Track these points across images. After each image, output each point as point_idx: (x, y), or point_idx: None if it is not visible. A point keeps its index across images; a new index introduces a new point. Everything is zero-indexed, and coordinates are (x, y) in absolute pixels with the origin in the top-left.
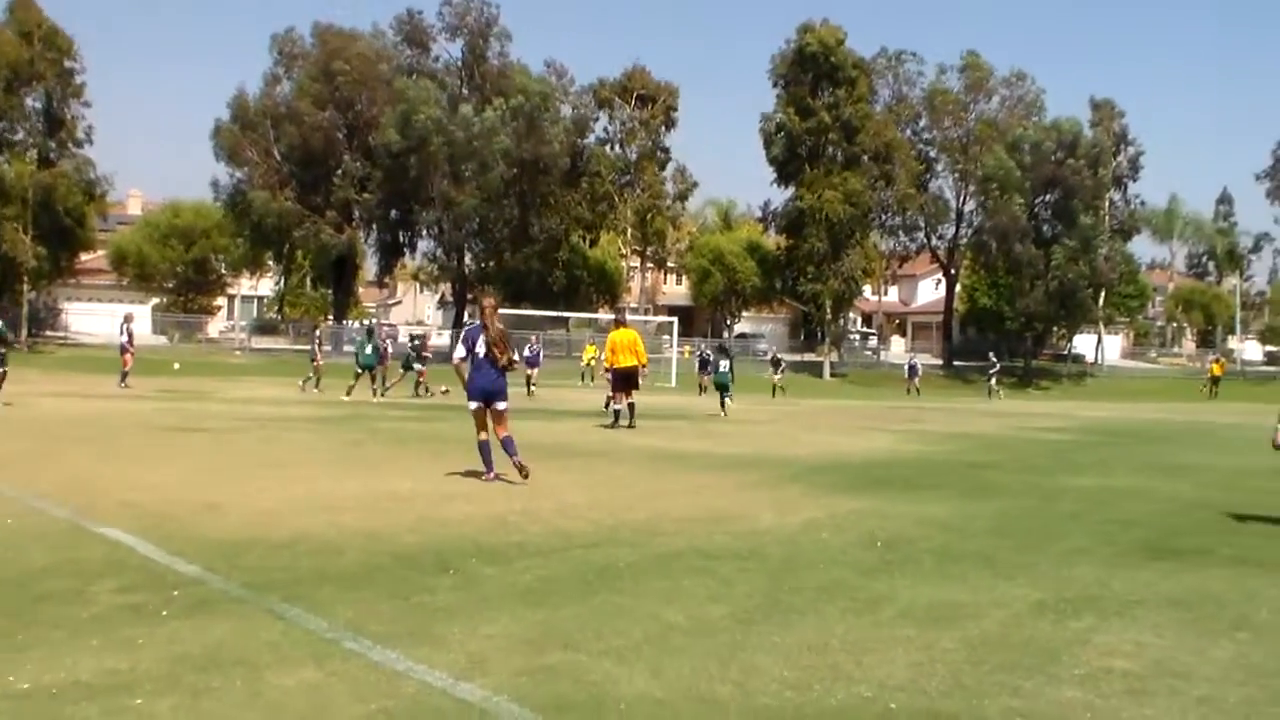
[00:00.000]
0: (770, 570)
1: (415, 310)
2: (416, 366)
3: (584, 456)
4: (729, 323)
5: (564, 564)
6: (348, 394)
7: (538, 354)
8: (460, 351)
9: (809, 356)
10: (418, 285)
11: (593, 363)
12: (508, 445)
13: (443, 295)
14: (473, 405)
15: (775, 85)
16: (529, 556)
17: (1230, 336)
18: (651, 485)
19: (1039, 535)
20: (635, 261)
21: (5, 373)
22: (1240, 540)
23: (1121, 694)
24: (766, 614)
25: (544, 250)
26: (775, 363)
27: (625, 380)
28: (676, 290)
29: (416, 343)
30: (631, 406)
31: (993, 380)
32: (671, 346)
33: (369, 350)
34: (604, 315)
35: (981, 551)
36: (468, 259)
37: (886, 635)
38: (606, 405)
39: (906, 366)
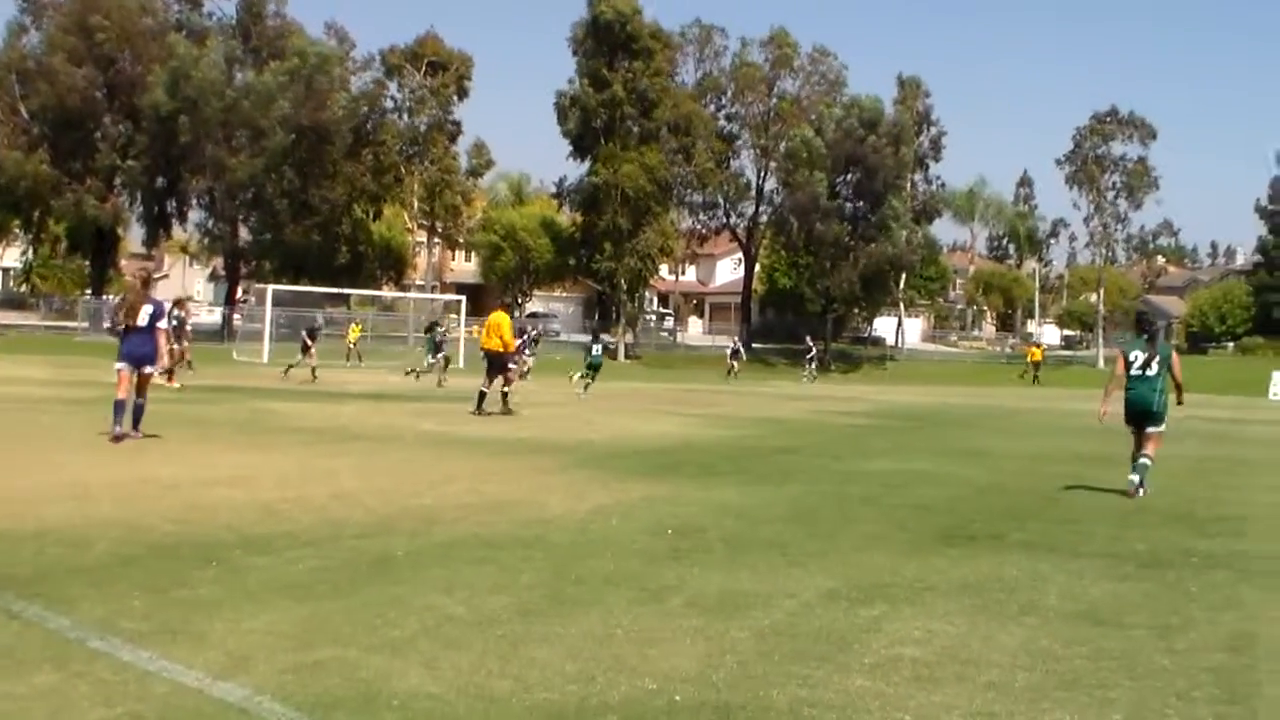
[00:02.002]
0: (555, 559)
1: (185, 285)
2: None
3: (364, 440)
4: (520, 301)
5: (337, 554)
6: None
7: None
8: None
9: (603, 337)
10: (187, 258)
11: (357, 342)
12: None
13: (214, 269)
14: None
15: (575, 53)
16: (299, 546)
17: (1029, 320)
18: (434, 471)
19: (833, 522)
20: (423, 237)
21: None
22: (1032, 525)
23: (910, 681)
24: (550, 605)
25: (325, 223)
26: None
27: (488, 364)
28: (466, 267)
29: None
30: (481, 394)
31: (812, 365)
32: (460, 326)
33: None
34: (388, 293)
35: (774, 539)
36: (242, 231)
37: (674, 626)
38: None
39: (730, 349)
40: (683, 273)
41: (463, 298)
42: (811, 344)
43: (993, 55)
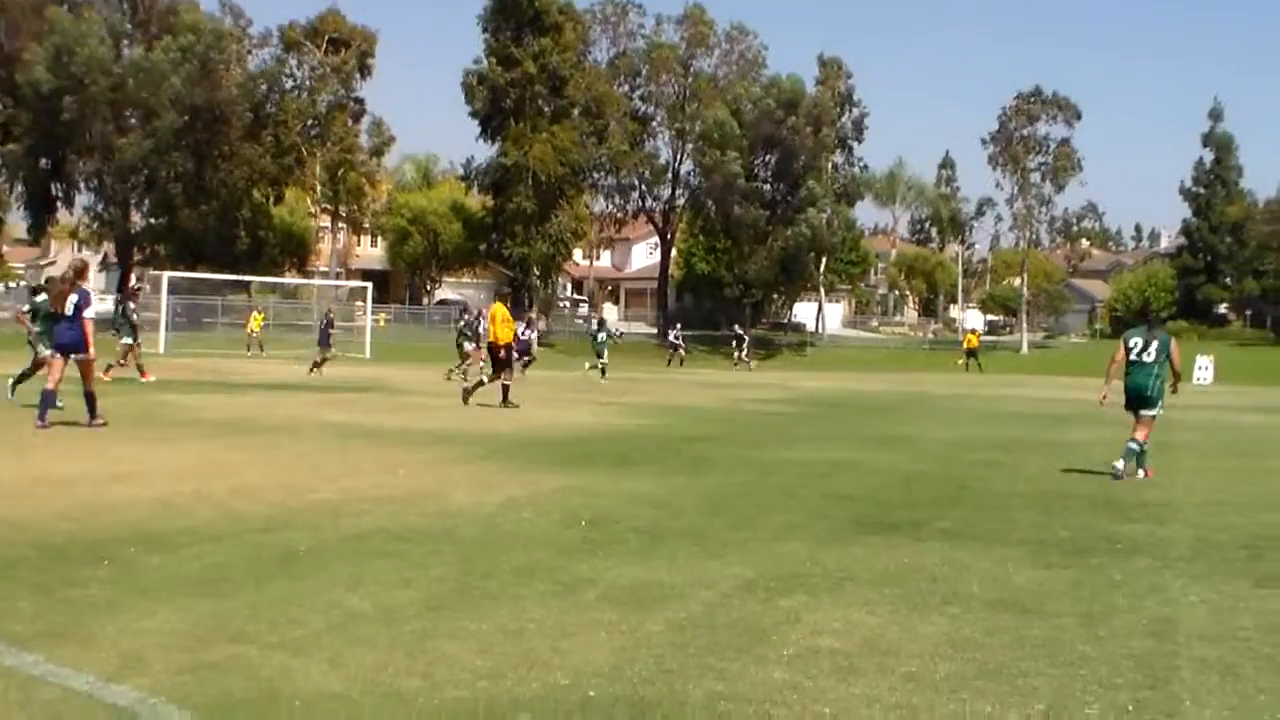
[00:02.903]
0: (465, 552)
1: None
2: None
3: (266, 433)
4: (429, 288)
5: (238, 550)
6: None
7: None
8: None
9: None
10: (76, 243)
11: (255, 331)
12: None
13: (106, 256)
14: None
15: (484, 30)
16: (198, 543)
17: (952, 305)
18: (340, 463)
19: (751, 512)
20: (326, 221)
21: None
22: (954, 513)
23: (829, 673)
24: (459, 599)
25: (223, 207)
26: (739, 340)
27: (490, 357)
28: (372, 253)
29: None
30: (478, 384)
31: (743, 352)
32: (365, 314)
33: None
34: (291, 280)
35: (691, 529)
36: (135, 215)
37: (587, 619)
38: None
39: (671, 339)
40: (597, 258)
41: (369, 284)
42: (741, 331)
43: (917, 35)
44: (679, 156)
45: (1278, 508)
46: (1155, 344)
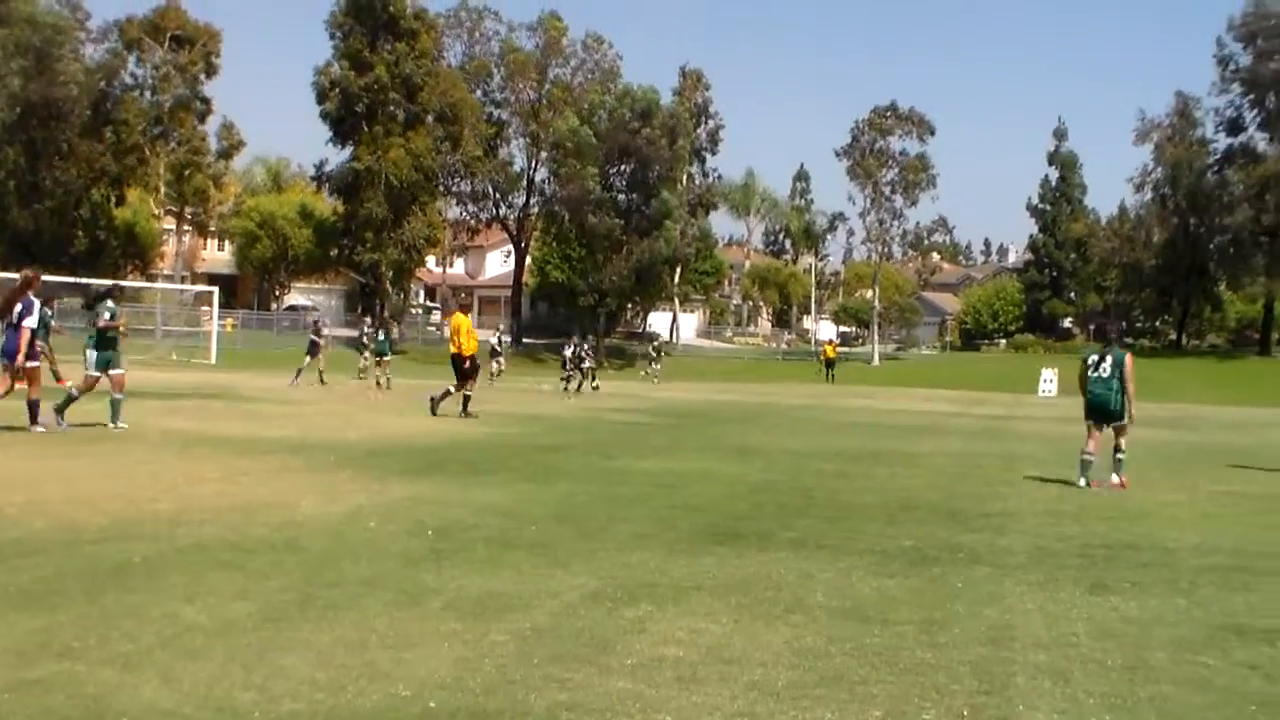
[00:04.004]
0: (308, 563)
1: None
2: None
3: (108, 441)
4: (278, 294)
5: (70, 561)
6: None
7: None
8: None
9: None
10: None
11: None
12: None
13: None
14: None
15: (332, 37)
16: (28, 554)
17: (805, 316)
18: (181, 472)
19: (600, 521)
20: (171, 223)
21: None
22: (800, 523)
23: (672, 682)
24: (300, 610)
25: (59, 207)
26: (656, 350)
27: (454, 368)
28: (219, 256)
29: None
30: (465, 399)
31: (655, 365)
32: (212, 319)
33: None
34: (133, 283)
35: (539, 539)
36: None
37: (432, 630)
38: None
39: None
40: (451, 265)
41: (215, 289)
42: (655, 349)
43: (775, 49)
44: (534, 164)
45: (1110, 517)
46: (1109, 360)
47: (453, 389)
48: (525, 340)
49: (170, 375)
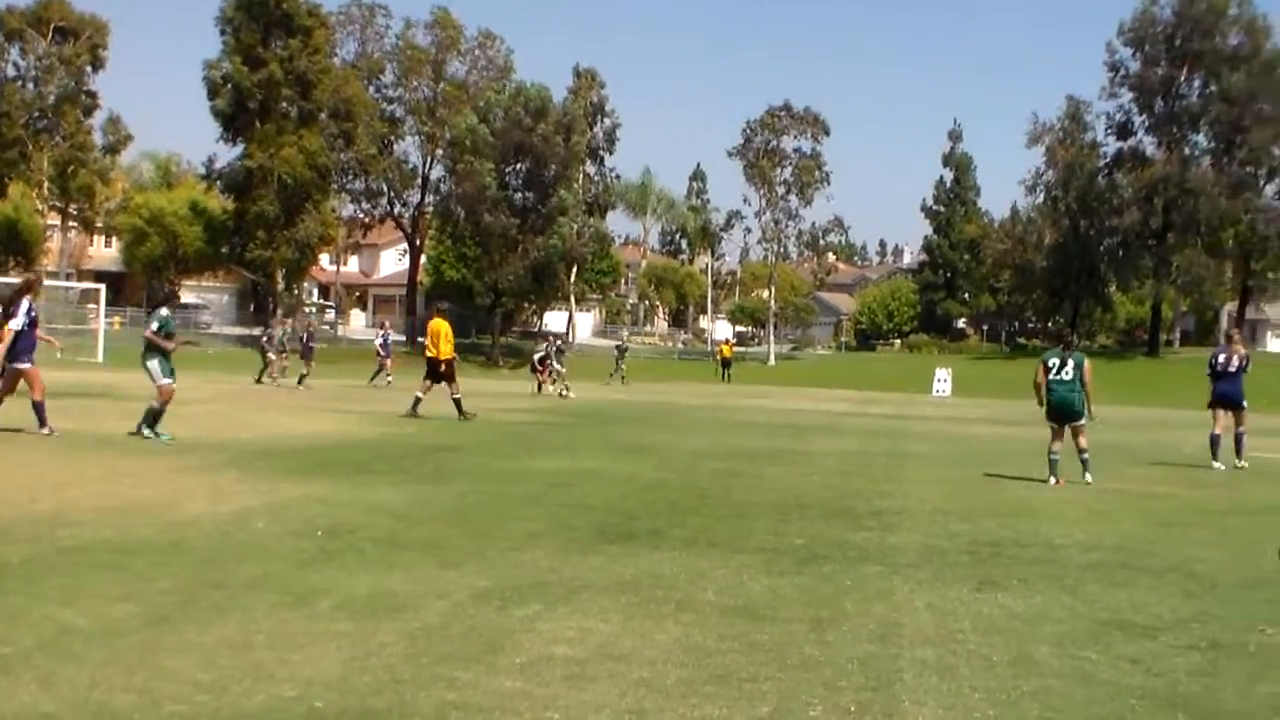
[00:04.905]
0: (193, 564)
1: None
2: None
3: None
4: (171, 292)
5: None
6: None
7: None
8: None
9: (257, 330)
10: None
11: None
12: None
13: None
14: None
15: (223, 33)
16: None
17: (702, 316)
18: (63, 472)
19: (493, 521)
20: (55, 220)
21: None
22: (692, 521)
23: (561, 680)
24: (184, 612)
25: None
26: (621, 351)
27: (428, 370)
28: (106, 254)
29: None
30: (456, 401)
31: (621, 365)
32: (99, 317)
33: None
34: (12, 280)
35: (430, 539)
36: None
37: (319, 630)
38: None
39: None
40: (345, 263)
41: (102, 286)
42: (621, 349)
43: (670, 47)
44: (429, 162)
45: (998, 515)
46: (1070, 363)
47: (421, 393)
48: (420, 339)
49: (55, 374)
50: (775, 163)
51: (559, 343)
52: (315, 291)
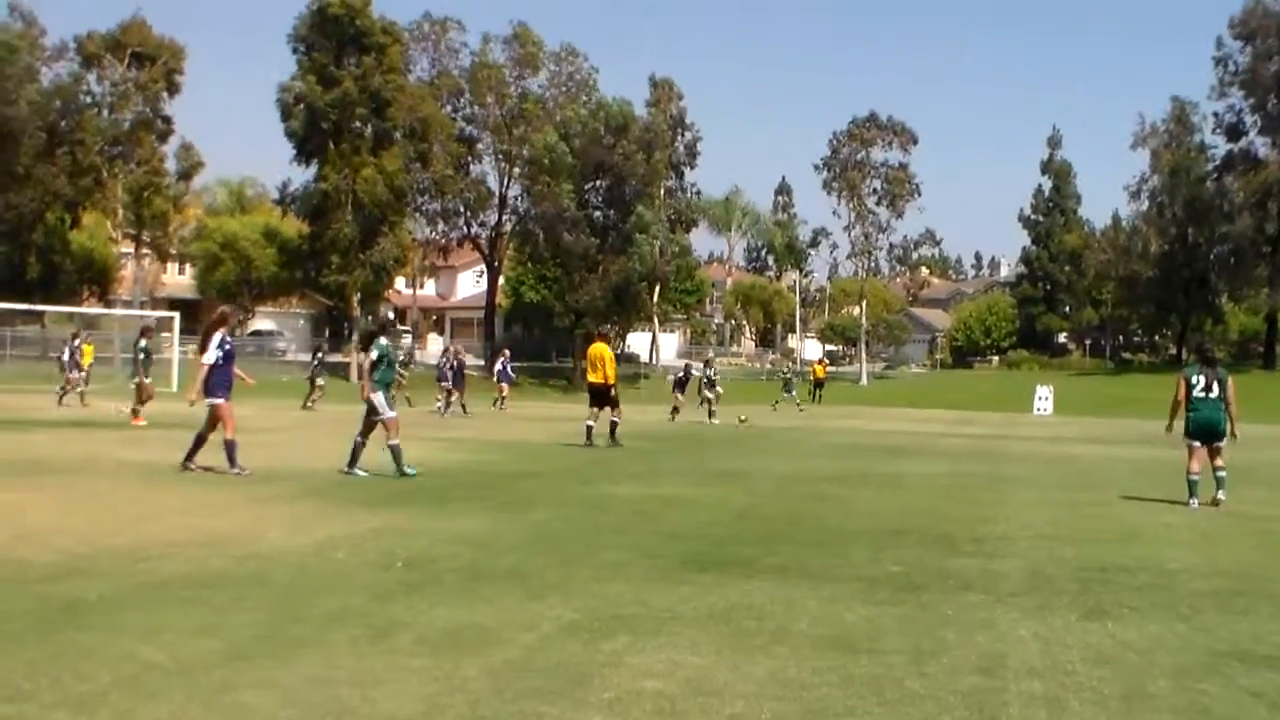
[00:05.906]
0: (273, 598)
1: None
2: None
3: (60, 473)
4: (243, 318)
5: (19, 601)
6: None
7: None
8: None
9: (336, 356)
10: None
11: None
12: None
13: None
14: None
15: (295, 51)
16: None
17: (790, 335)
18: (140, 505)
19: (577, 550)
20: (129, 247)
21: None
22: (785, 549)
23: (651, 716)
24: (265, 647)
25: (13, 231)
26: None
27: (593, 396)
28: (180, 281)
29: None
30: (613, 425)
31: (716, 390)
32: (173, 345)
33: None
34: (91, 309)
35: (513, 569)
36: None
37: (400, 665)
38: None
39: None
40: (421, 286)
41: (176, 314)
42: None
43: (754, 58)
44: (506, 181)
45: (1106, 541)
46: (1216, 381)
47: (592, 421)
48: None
49: (130, 404)
50: (863, 175)
51: (709, 371)
52: (392, 315)
